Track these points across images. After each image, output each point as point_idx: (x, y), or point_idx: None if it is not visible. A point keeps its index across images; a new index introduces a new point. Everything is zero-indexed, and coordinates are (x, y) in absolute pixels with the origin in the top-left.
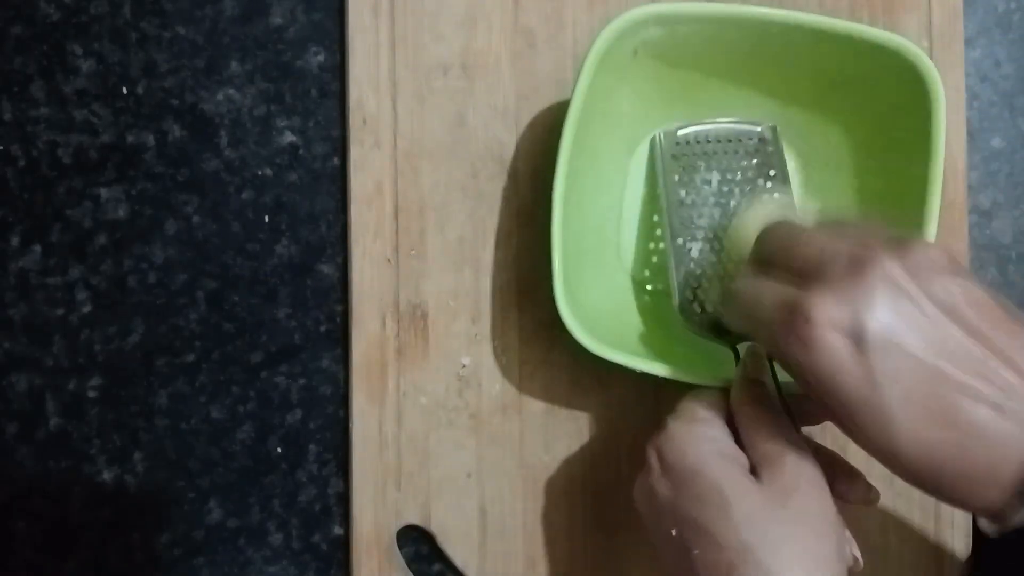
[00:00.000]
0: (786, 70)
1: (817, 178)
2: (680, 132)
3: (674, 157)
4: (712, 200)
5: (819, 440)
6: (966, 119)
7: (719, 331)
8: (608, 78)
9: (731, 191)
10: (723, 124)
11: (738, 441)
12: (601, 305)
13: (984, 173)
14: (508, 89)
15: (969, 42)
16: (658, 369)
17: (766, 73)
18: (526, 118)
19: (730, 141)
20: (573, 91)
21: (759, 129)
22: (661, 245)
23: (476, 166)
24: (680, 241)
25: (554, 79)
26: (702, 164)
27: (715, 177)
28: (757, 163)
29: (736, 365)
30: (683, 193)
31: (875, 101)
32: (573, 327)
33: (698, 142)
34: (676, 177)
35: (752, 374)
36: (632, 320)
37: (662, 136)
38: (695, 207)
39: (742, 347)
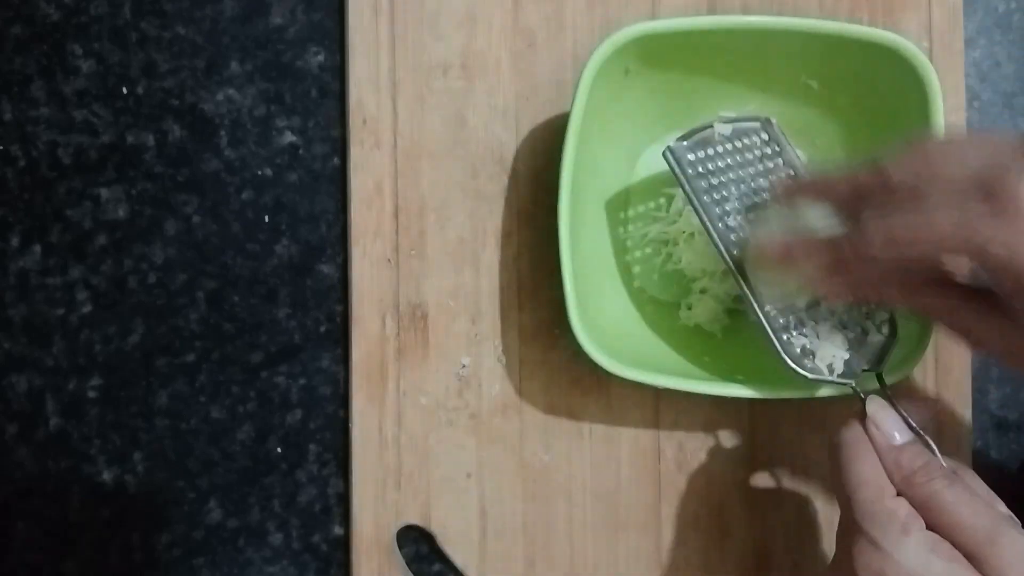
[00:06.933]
0: (783, 72)
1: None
2: (686, 143)
3: (697, 175)
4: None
5: None
6: (966, 119)
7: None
8: (602, 98)
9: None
10: (724, 125)
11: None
12: (613, 322)
13: None
14: (508, 89)
15: (969, 42)
16: (680, 384)
17: (762, 76)
18: (526, 118)
19: (739, 140)
20: (571, 110)
21: (758, 124)
22: (671, 256)
23: (476, 166)
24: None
25: (554, 80)
26: (724, 173)
27: (742, 183)
28: (771, 156)
29: (868, 405)
30: (717, 210)
31: (874, 98)
32: (592, 350)
33: (710, 152)
34: (705, 197)
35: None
36: (647, 335)
37: (672, 157)
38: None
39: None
